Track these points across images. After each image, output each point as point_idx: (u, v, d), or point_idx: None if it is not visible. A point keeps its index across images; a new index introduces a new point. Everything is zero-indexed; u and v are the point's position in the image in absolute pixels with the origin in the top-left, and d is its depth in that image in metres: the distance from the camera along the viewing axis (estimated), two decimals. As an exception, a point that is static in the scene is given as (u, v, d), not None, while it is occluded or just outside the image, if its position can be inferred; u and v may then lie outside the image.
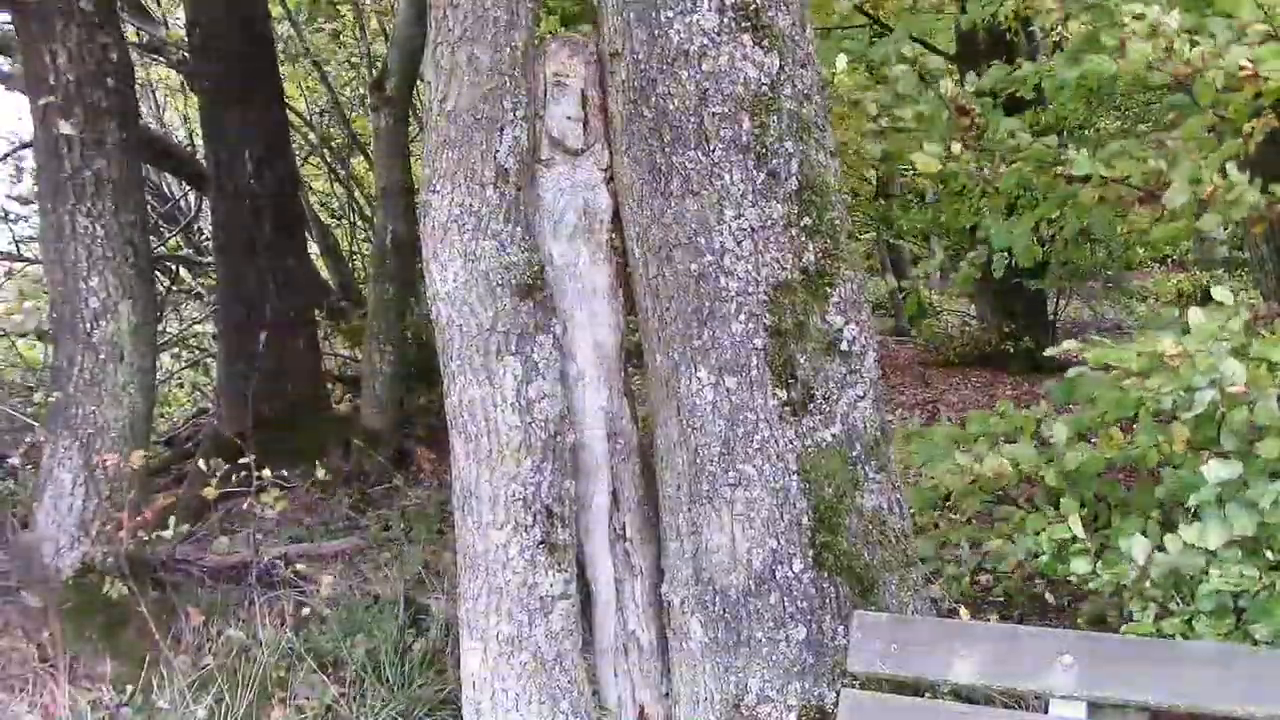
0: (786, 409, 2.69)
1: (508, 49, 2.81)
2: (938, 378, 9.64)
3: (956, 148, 3.43)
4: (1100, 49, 3.20)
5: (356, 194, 10.66)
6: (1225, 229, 3.11)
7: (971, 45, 8.64)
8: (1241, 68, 2.75)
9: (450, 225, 2.79)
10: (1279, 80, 2.77)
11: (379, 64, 8.09)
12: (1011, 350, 9.44)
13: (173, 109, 12.73)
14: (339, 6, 9.54)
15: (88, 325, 4.12)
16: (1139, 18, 2.75)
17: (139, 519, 3.96)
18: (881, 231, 12.02)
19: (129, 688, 3.69)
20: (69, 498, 4.06)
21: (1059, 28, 3.44)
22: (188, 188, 10.31)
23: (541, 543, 2.80)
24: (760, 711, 2.66)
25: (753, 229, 2.70)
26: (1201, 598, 2.66)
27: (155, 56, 9.49)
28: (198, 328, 9.64)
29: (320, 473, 4.59)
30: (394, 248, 6.88)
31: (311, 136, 10.41)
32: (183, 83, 10.08)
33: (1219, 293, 2.79)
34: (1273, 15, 2.78)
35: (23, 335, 6.87)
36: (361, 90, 10.08)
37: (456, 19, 2.79)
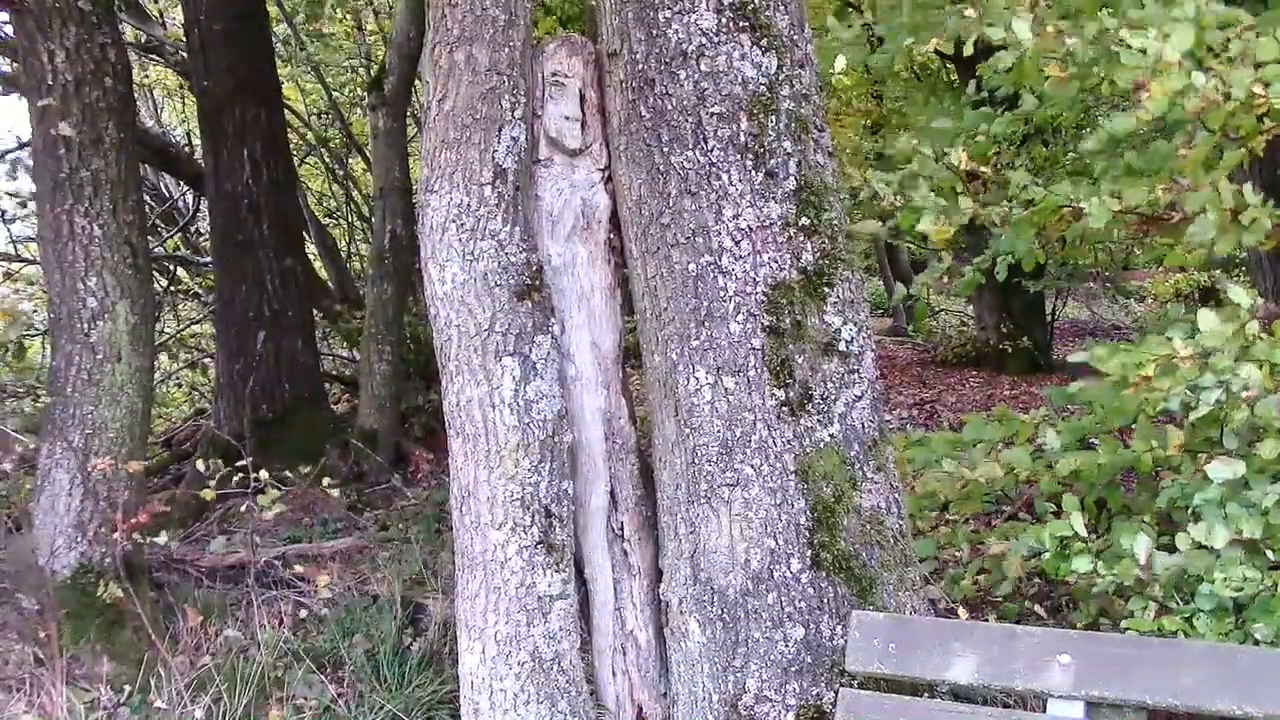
0: (784, 409, 2.69)
1: (506, 49, 2.80)
2: (936, 378, 9.65)
3: (965, 202, 3.42)
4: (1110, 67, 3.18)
5: (354, 194, 10.66)
6: (1240, 248, 3.10)
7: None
8: (1254, 94, 2.74)
9: (448, 225, 2.79)
10: None
11: (377, 63, 8.08)
12: (1010, 350, 9.46)
13: (171, 109, 12.73)
14: (337, 7, 9.54)
15: (85, 325, 4.12)
16: (1143, 51, 2.72)
17: (136, 519, 3.95)
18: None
19: (127, 688, 3.69)
20: (66, 498, 4.05)
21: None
22: (186, 188, 10.30)
23: (539, 543, 2.80)
24: (758, 711, 2.66)
25: (750, 229, 2.70)
26: (1201, 597, 2.66)
27: (154, 56, 9.50)
28: (196, 328, 9.63)
29: (321, 463, 4.59)
30: (392, 248, 6.89)
31: (309, 136, 10.41)
32: (181, 84, 10.08)
33: (1235, 293, 2.78)
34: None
35: (5, 344, 6.83)
36: (360, 90, 10.08)
37: (455, 19, 2.78)
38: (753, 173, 2.71)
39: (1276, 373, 2.72)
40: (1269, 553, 2.66)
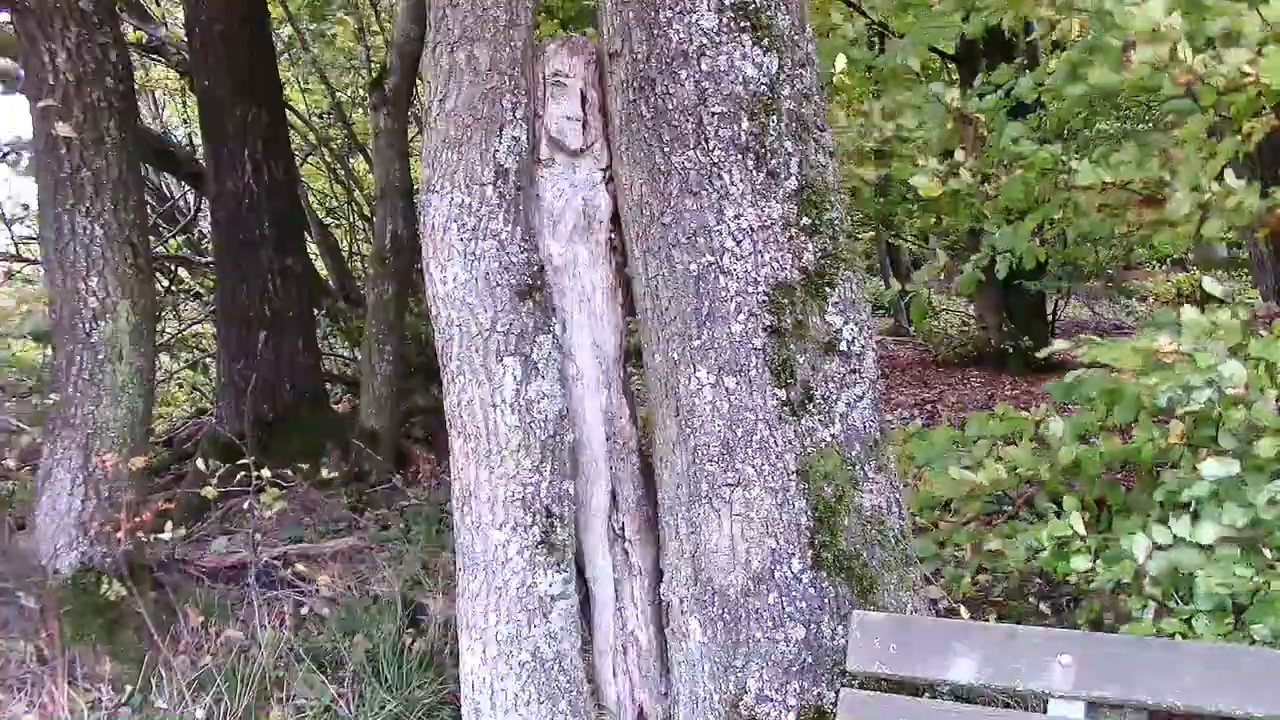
0: (785, 409, 2.69)
1: (507, 48, 2.80)
2: (937, 378, 9.67)
3: (960, 155, 3.43)
4: (1103, 55, 3.20)
5: (356, 194, 10.66)
6: (1227, 230, 3.12)
7: (972, 45, 8.66)
8: (1244, 74, 2.75)
9: (449, 225, 2.79)
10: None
11: (379, 63, 8.08)
12: (1011, 350, 9.47)
13: (172, 109, 12.73)
14: (338, 6, 9.54)
15: (87, 325, 4.12)
16: (1148, 30, 2.73)
17: (137, 519, 3.96)
18: (881, 231, 12.03)
19: (128, 688, 3.70)
20: (68, 498, 4.06)
21: (1054, 31, 3.44)
22: (187, 188, 10.30)
23: (540, 543, 2.80)
24: (759, 711, 2.66)
25: (752, 229, 2.70)
26: (1200, 597, 2.66)
27: (155, 56, 9.50)
28: (197, 328, 9.64)
29: (322, 472, 4.59)
30: (393, 248, 6.89)
31: (311, 136, 10.41)
32: (183, 85, 10.08)
33: (1209, 284, 2.79)
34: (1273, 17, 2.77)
35: (20, 337, 6.87)
36: (361, 90, 10.08)
37: (456, 19, 2.79)
38: (754, 172, 2.71)
39: (1275, 371, 2.72)
40: (1266, 551, 2.66)
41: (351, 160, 10.97)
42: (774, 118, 2.72)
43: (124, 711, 3.64)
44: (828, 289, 2.74)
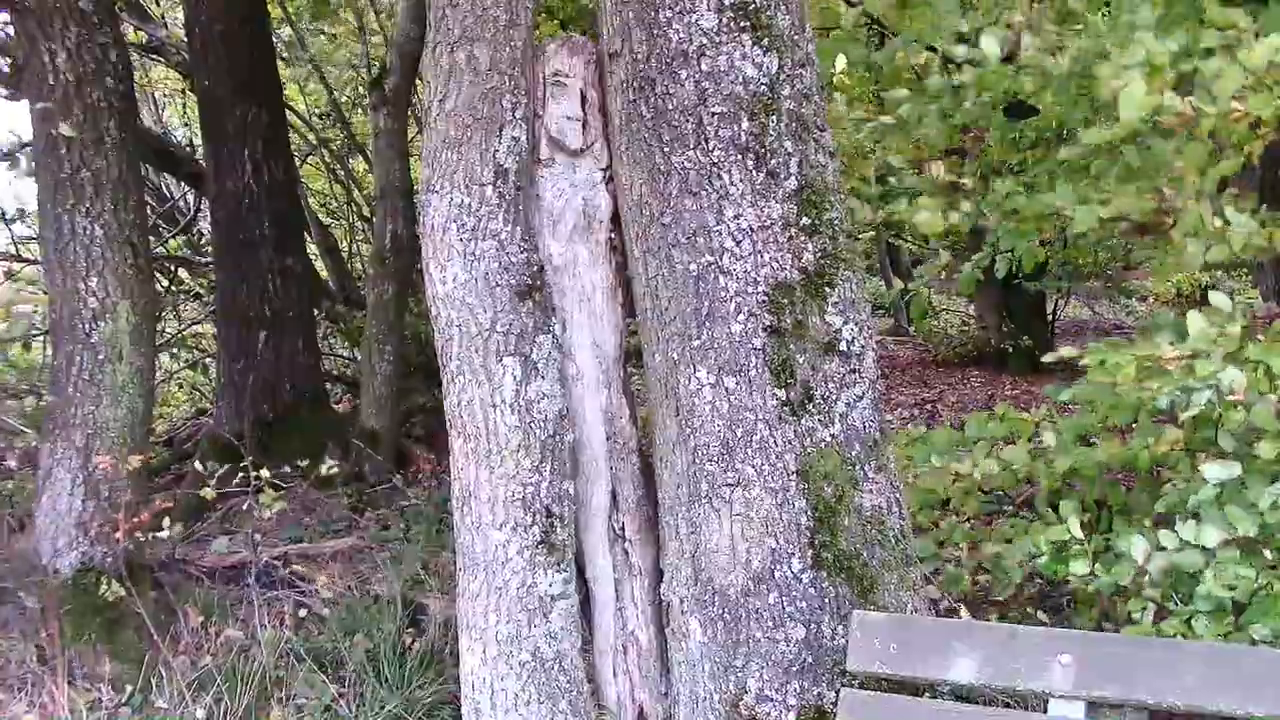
0: (785, 409, 2.69)
1: (507, 48, 2.80)
2: (937, 378, 9.66)
3: (966, 205, 3.45)
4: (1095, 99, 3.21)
5: (356, 194, 10.66)
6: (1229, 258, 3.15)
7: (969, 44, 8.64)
8: (1233, 111, 2.75)
9: (449, 225, 2.79)
10: (1272, 112, 2.78)
11: (378, 63, 8.08)
12: (1011, 350, 9.46)
13: (172, 109, 12.72)
14: (339, 7, 9.53)
15: (87, 325, 4.12)
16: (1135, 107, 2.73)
17: (137, 519, 3.96)
18: (881, 231, 12.01)
19: (128, 688, 3.70)
20: (68, 498, 4.06)
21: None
22: (187, 188, 10.30)
23: (540, 543, 2.80)
24: (759, 711, 2.66)
25: (751, 229, 2.70)
26: (1199, 598, 2.66)
27: (155, 56, 9.50)
28: (197, 328, 9.63)
29: (322, 469, 4.59)
30: (393, 248, 6.89)
31: (311, 136, 10.40)
32: (185, 87, 10.07)
33: (1216, 298, 2.79)
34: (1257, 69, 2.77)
35: (11, 341, 6.87)
36: (361, 90, 10.07)
37: (456, 19, 2.79)
38: (754, 173, 2.71)
39: (1273, 376, 2.72)
40: (1266, 553, 2.66)
41: (351, 160, 10.96)
42: (774, 118, 2.72)
43: (124, 711, 3.64)
44: (828, 289, 2.74)
